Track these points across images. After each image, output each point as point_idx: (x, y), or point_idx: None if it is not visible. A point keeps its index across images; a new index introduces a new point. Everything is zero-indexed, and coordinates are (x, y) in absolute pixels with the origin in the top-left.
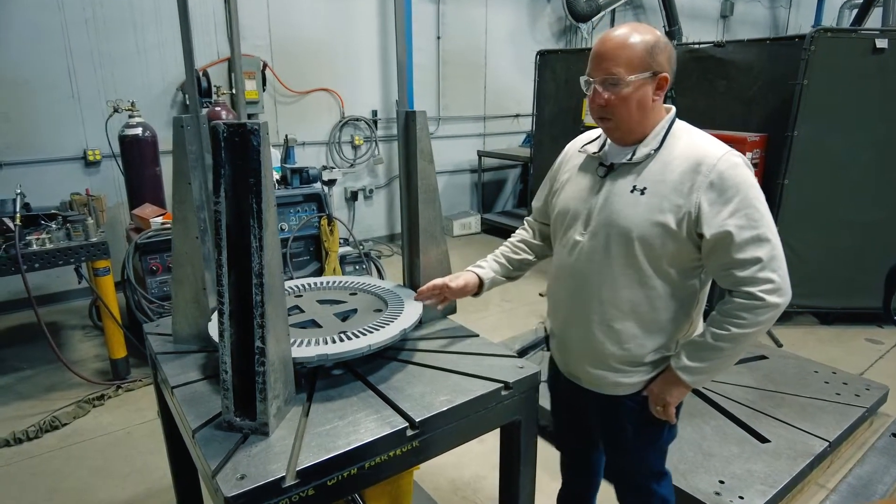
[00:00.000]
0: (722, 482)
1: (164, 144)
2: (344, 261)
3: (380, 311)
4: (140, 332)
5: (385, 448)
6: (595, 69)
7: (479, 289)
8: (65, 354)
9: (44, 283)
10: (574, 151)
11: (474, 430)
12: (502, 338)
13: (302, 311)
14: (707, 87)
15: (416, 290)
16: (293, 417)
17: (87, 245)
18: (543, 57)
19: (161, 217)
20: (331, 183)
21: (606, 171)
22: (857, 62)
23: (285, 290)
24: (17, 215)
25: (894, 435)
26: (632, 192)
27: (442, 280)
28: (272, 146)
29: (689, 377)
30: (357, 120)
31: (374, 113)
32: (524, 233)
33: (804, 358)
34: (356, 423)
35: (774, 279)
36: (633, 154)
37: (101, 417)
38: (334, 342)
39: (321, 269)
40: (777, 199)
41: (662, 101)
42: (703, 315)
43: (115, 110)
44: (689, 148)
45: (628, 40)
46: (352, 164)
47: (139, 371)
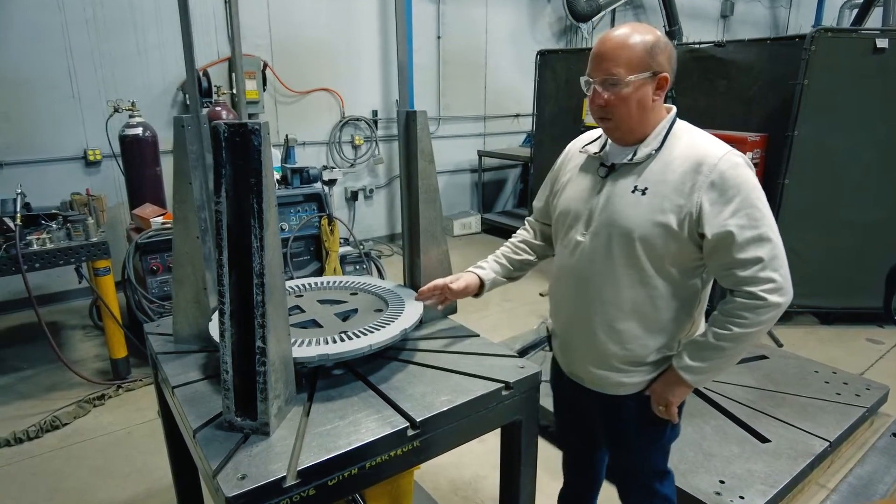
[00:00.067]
0: (722, 482)
1: (164, 144)
2: (344, 261)
3: (380, 310)
4: (140, 331)
5: (386, 448)
6: (595, 69)
7: (479, 290)
8: (65, 354)
9: (44, 282)
10: (575, 152)
11: (475, 429)
12: (503, 338)
13: (303, 310)
14: (707, 86)
15: (416, 290)
16: (294, 417)
17: (88, 245)
18: (544, 57)
19: (161, 217)
20: (331, 183)
21: (607, 171)
22: (857, 62)
23: (286, 289)
24: (18, 215)
25: (895, 435)
26: (633, 192)
27: (443, 281)
28: (272, 146)
29: (691, 377)
30: (357, 120)
31: (375, 113)
32: (525, 233)
33: (804, 358)
34: (357, 423)
35: (776, 279)
36: (634, 154)
37: (101, 417)
38: (335, 342)
39: (321, 269)
40: (777, 198)
41: (663, 100)
42: (705, 314)
43: (116, 110)
44: (690, 148)
45: (628, 40)
46: (352, 164)
47: (139, 371)
